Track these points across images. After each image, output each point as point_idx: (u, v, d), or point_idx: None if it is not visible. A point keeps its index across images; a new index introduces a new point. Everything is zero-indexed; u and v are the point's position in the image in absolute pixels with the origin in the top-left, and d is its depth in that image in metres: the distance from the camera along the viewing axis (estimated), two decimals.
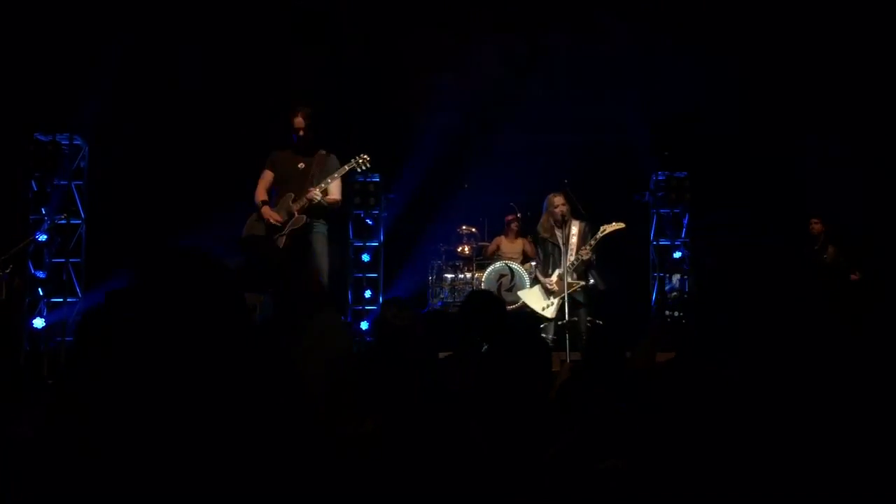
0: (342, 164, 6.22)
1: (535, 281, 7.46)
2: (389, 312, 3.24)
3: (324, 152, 6.20)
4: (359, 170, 6.33)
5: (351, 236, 9.24)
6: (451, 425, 2.32)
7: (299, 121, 6.09)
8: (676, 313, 7.65)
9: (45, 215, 8.28)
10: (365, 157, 6.21)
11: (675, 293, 8.12)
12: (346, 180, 8.73)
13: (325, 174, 6.11)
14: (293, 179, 6.11)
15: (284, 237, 6.07)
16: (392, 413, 2.32)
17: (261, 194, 6.23)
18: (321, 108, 6.28)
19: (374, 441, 2.21)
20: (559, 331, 6.86)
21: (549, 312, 7.07)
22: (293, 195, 6.08)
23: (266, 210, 6.14)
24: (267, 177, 6.25)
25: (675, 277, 8.40)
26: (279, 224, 6.05)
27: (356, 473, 2.06)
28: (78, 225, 8.48)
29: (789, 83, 8.11)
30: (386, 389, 2.60)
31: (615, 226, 7.06)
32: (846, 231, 7.84)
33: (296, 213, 6.04)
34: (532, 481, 2.24)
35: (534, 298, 7.24)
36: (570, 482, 2.26)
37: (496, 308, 3.67)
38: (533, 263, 7.85)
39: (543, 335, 6.93)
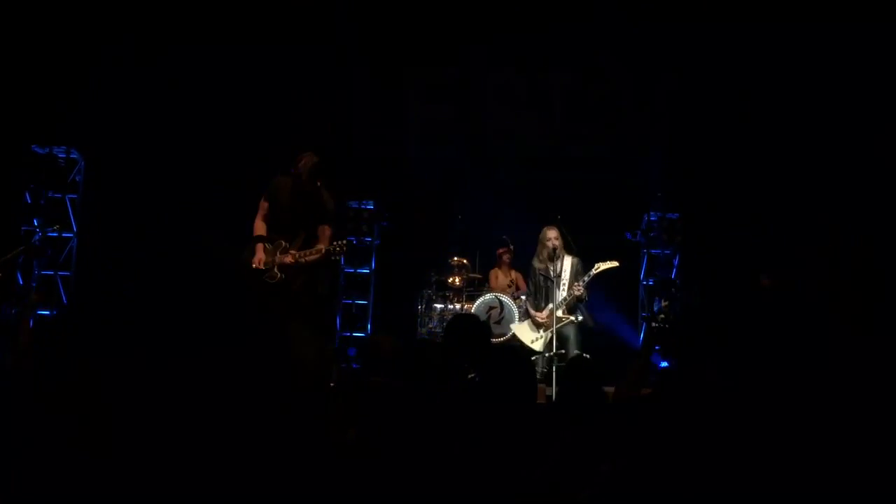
0: (331, 208, 6.05)
1: (525, 314, 7.49)
2: (378, 337, 3.27)
3: (326, 194, 6.02)
4: (333, 257, 6.06)
5: (342, 262, 9.23)
6: (434, 441, 2.33)
7: (298, 168, 5.95)
8: (665, 325, 7.64)
9: (36, 227, 8.28)
10: (343, 243, 5.97)
11: (661, 315, 8.13)
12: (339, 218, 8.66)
13: (318, 219, 5.97)
14: (288, 222, 5.98)
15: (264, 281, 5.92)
16: (374, 425, 2.34)
17: (258, 228, 6.07)
18: (320, 136, 6.15)
19: (356, 450, 2.22)
20: (549, 363, 6.84)
21: (538, 346, 7.12)
22: (284, 245, 5.93)
23: (259, 249, 5.97)
24: (264, 207, 6.09)
25: (663, 301, 8.43)
26: (260, 269, 5.89)
27: (340, 478, 2.08)
28: (69, 238, 8.48)
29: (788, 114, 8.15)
30: (370, 402, 2.62)
31: (609, 264, 7.06)
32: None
33: (275, 269, 5.89)
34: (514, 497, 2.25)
35: (523, 331, 7.33)
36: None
37: (480, 331, 3.67)
38: (524, 297, 7.86)
39: (536, 368, 6.93)
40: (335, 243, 5.92)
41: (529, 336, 7.25)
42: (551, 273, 7.06)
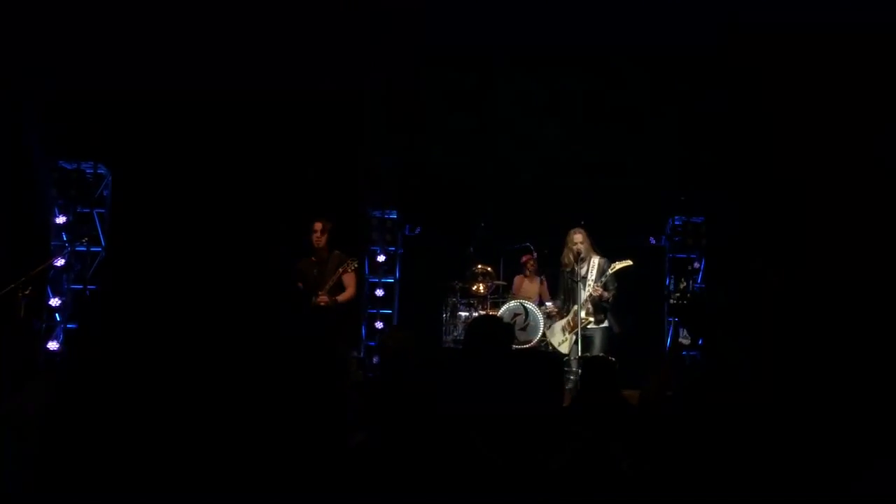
0: (345, 261, 6.92)
1: (547, 319, 7.58)
2: (385, 335, 3.29)
3: (336, 253, 6.95)
4: (349, 270, 6.97)
5: (367, 272, 9.27)
6: (450, 440, 2.34)
7: (315, 232, 6.91)
8: (683, 302, 7.70)
9: (66, 241, 8.40)
10: (354, 261, 6.98)
11: (678, 293, 8.16)
12: (363, 218, 8.91)
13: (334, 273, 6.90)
14: (312, 285, 6.92)
15: None
16: (385, 427, 2.36)
17: None
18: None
19: (364, 452, 2.25)
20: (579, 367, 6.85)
21: (564, 348, 7.21)
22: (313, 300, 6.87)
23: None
24: None
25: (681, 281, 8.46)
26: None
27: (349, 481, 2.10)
28: (98, 252, 8.59)
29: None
30: (380, 406, 2.63)
31: (622, 264, 7.10)
32: None
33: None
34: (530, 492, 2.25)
35: (554, 334, 7.47)
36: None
37: (502, 332, 3.65)
38: (549, 304, 7.87)
39: (567, 369, 6.95)
40: (344, 265, 6.90)
41: (558, 338, 7.36)
42: (577, 275, 7.11)
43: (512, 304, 8.17)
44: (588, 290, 7.06)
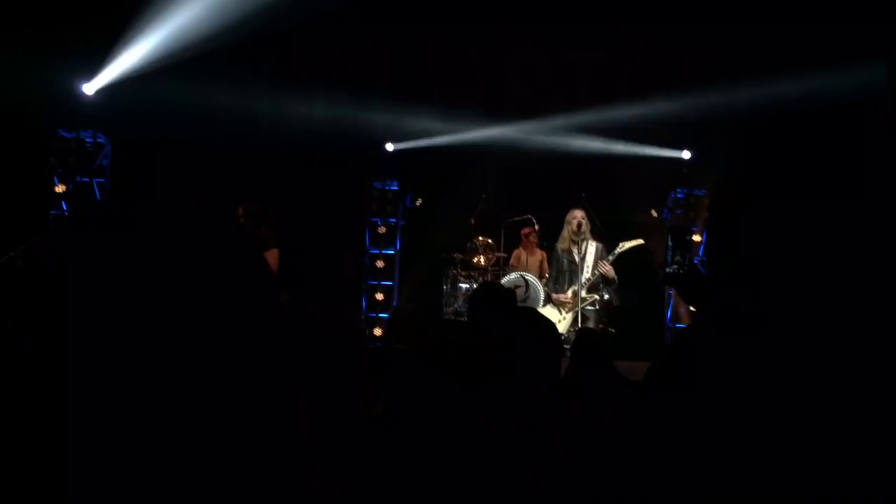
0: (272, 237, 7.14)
1: (547, 298, 7.39)
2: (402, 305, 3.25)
3: (257, 230, 7.07)
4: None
5: (367, 244, 9.25)
6: (453, 412, 2.32)
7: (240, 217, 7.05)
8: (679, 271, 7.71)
9: (65, 211, 8.38)
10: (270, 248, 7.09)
11: (675, 264, 8.16)
12: (364, 189, 8.88)
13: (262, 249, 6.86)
14: None
15: None
16: (393, 399, 2.35)
17: None
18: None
19: (382, 423, 2.24)
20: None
21: (562, 327, 7.04)
22: None
23: None
24: None
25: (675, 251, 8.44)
26: None
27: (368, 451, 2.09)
28: None
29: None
30: (388, 377, 2.62)
31: (634, 242, 7.01)
32: None
33: None
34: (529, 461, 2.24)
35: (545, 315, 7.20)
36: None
37: (506, 299, 3.62)
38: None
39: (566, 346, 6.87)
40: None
41: (553, 318, 7.15)
42: (576, 256, 7.01)
43: (512, 275, 8.12)
44: (591, 271, 6.97)
